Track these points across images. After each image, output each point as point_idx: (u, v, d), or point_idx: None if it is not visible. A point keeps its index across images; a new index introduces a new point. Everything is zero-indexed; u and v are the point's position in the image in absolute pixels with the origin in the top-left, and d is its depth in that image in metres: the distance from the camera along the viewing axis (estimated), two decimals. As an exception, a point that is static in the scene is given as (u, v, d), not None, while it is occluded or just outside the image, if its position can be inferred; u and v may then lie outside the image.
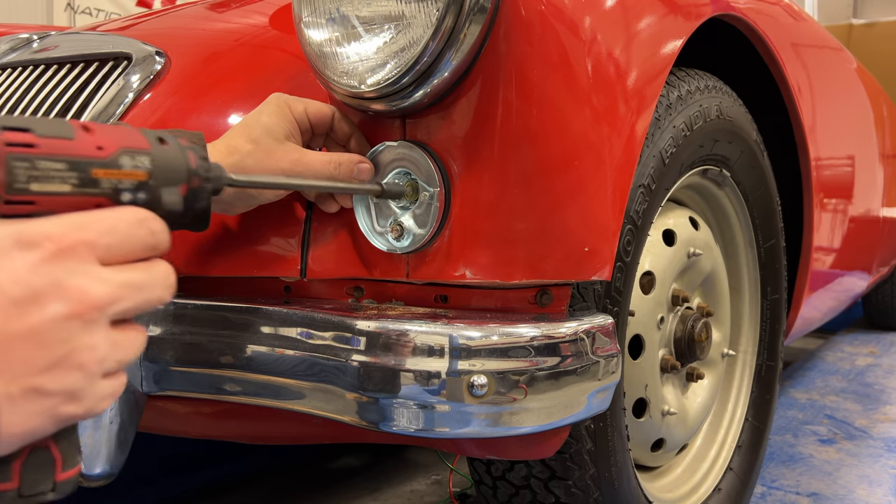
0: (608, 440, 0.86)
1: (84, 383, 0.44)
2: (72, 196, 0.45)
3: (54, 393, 0.42)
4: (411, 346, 0.66)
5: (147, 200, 0.49)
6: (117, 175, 0.47)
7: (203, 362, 0.75)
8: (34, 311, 0.41)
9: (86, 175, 0.46)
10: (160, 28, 1.11)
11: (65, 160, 0.45)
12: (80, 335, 0.43)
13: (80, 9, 5.42)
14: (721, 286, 1.23)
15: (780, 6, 1.39)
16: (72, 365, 0.43)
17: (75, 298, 0.42)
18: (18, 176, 0.43)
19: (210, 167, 0.54)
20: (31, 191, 0.44)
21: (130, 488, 1.40)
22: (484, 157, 0.70)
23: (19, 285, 0.41)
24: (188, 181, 0.52)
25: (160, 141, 0.51)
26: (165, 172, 0.50)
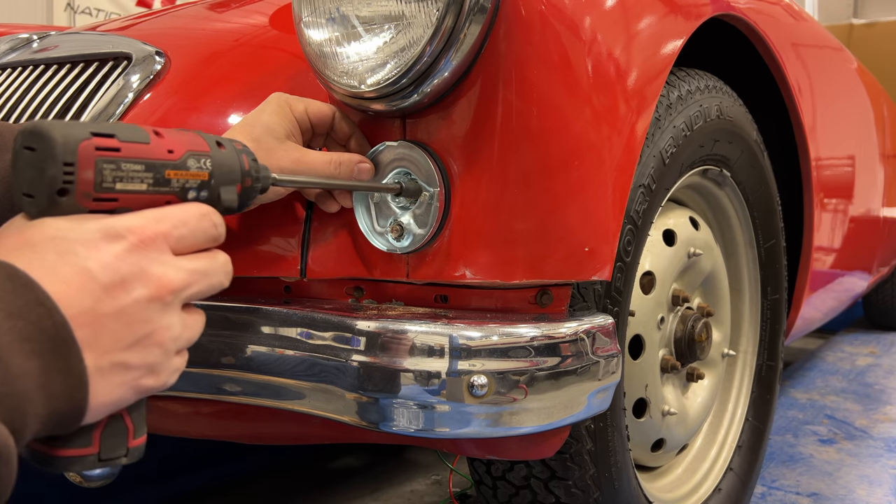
0: (608, 440, 0.86)
1: (162, 359, 0.50)
2: (147, 194, 0.51)
3: (137, 367, 0.48)
4: (411, 347, 0.66)
5: (208, 198, 0.55)
6: (185, 175, 0.53)
7: (203, 362, 0.75)
8: (122, 294, 0.47)
9: (160, 175, 0.51)
10: (160, 28, 1.11)
11: (143, 162, 0.50)
12: (159, 316, 0.49)
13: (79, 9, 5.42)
14: (721, 286, 1.23)
15: (781, 6, 1.39)
16: (152, 342, 0.49)
17: (156, 283, 0.49)
18: (106, 177, 0.48)
19: (259, 168, 0.60)
20: (116, 189, 0.49)
21: (130, 488, 1.40)
22: (484, 157, 0.70)
23: (108, 271, 0.46)
24: (242, 181, 0.58)
25: (218, 144, 0.57)
26: (223, 173, 0.56)
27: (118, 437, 0.51)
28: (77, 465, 0.49)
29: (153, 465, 1.48)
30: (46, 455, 0.49)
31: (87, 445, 0.49)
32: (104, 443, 0.50)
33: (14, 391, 0.41)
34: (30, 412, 0.42)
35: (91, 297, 0.45)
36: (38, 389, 0.42)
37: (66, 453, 0.49)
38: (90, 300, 0.45)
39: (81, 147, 0.47)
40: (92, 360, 0.45)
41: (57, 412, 0.44)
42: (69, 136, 0.47)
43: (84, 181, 0.48)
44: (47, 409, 0.43)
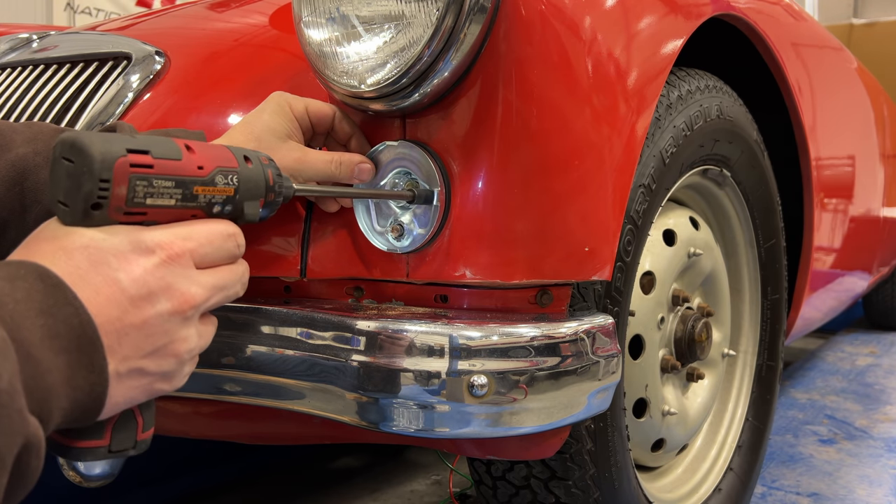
0: (608, 440, 0.86)
1: (176, 367, 0.53)
2: (175, 209, 0.53)
3: (153, 374, 0.51)
4: (411, 347, 0.66)
5: (231, 212, 0.57)
6: (212, 192, 0.55)
7: (203, 362, 0.75)
8: (147, 307, 0.50)
9: (189, 191, 0.53)
10: (160, 28, 1.11)
11: (174, 178, 0.52)
12: (178, 329, 0.52)
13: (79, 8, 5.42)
14: (721, 286, 1.23)
15: (781, 6, 1.39)
16: (169, 353, 0.52)
17: (179, 299, 0.51)
18: (138, 192, 0.51)
19: (283, 181, 0.62)
20: (146, 204, 0.51)
21: (130, 488, 1.40)
22: (484, 156, 0.70)
23: (137, 284, 0.49)
24: (266, 195, 0.60)
25: (245, 159, 0.58)
26: (249, 189, 0.58)
27: (128, 431, 0.54)
28: (89, 455, 0.52)
29: (153, 465, 1.48)
30: (61, 444, 0.52)
31: (100, 438, 0.52)
32: (115, 436, 0.53)
33: (44, 385, 0.43)
34: (55, 405, 0.44)
35: (118, 308, 0.48)
36: (63, 384, 0.45)
37: (79, 444, 0.52)
38: (117, 311, 0.48)
39: (118, 164, 0.49)
40: (113, 365, 0.48)
41: (79, 406, 0.47)
42: (107, 154, 0.49)
43: (117, 196, 0.50)
44: (70, 403, 0.46)
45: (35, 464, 0.43)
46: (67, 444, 0.52)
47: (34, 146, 0.68)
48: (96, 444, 0.52)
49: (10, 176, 0.66)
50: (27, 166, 0.67)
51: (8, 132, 0.68)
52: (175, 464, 1.55)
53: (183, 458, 1.58)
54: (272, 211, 0.62)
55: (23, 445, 0.41)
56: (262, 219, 0.61)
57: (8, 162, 0.66)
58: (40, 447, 0.43)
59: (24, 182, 0.66)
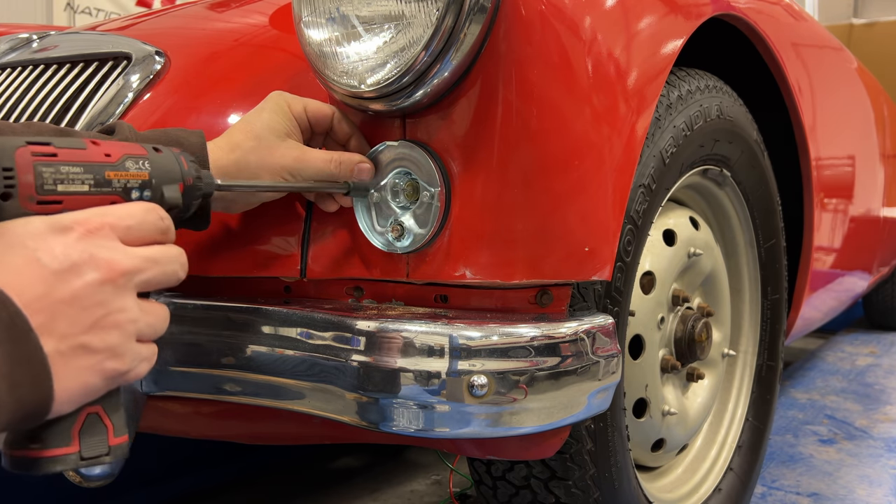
0: (608, 440, 0.86)
1: (122, 340, 0.51)
2: (91, 195, 0.53)
3: (99, 349, 0.50)
4: (411, 346, 0.66)
5: (151, 197, 0.57)
6: (125, 176, 0.55)
7: (203, 362, 0.75)
8: (74, 279, 0.48)
9: (100, 176, 0.54)
10: (160, 28, 1.11)
11: (81, 165, 0.53)
12: (113, 298, 0.50)
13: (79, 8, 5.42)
14: (721, 286, 1.23)
15: (781, 6, 1.39)
16: (110, 324, 0.50)
17: (105, 267, 0.50)
18: (46, 179, 0.51)
19: (201, 171, 0.62)
20: (58, 191, 0.51)
21: (130, 488, 1.40)
22: (484, 156, 0.70)
23: (58, 259, 0.48)
24: (183, 180, 0.60)
25: (155, 150, 0.59)
26: (163, 172, 0.58)
27: (97, 436, 0.52)
28: (60, 464, 0.51)
29: (153, 465, 1.48)
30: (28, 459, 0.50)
31: (67, 444, 0.51)
32: (84, 441, 0.52)
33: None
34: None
35: (43, 284, 0.47)
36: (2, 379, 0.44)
37: (47, 454, 0.50)
38: (43, 287, 0.47)
39: (18, 153, 0.50)
40: (52, 344, 0.47)
41: (24, 401, 0.45)
42: (4, 145, 0.50)
43: (25, 184, 0.50)
44: (12, 397, 0.45)
45: None
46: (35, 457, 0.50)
47: None
48: (65, 452, 0.51)
49: None
50: None
51: (8, 132, 0.68)
52: (175, 464, 1.55)
53: (183, 458, 1.57)
54: (194, 198, 0.61)
55: None
56: (187, 207, 0.61)
57: None
58: None
59: None
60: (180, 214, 0.60)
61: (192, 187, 0.60)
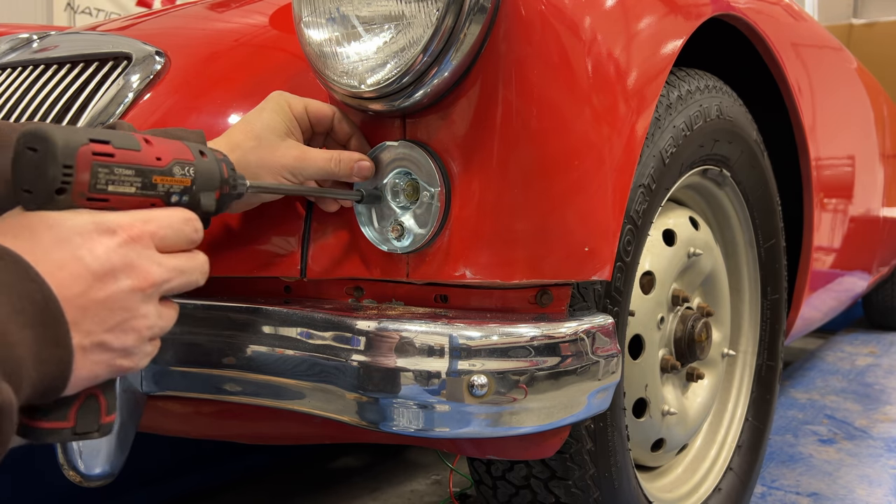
0: (608, 440, 0.86)
1: (136, 343, 0.55)
2: (135, 196, 0.56)
3: (115, 349, 0.53)
4: (411, 346, 0.66)
5: (189, 202, 0.60)
6: (170, 181, 0.58)
7: (203, 362, 0.75)
8: (110, 283, 0.52)
9: (148, 180, 0.56)
10: (160, 28, 1.11)
11: (134, 167, 0.55)
12: (139, 305, 0.54)
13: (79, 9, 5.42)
14: (721, 286, 1.23)
15: (781, 6, 1.39)
16: (130, 328, 0.54)
17: (141, 276, 0.54)
18: (100, 179, 0.53)
19: (237, 176, 0.65)
20: (108, 191, 0.54)
21: (130, 488, 1.40)
22: (484, 156, 0.70)
23: (100, 262, 0.51)
24: (221, 188, 0.62)
25: (201, 154, 0.61)
26: (205, 180, 0.61)
27: (92, 414, 0.56)
28: (54, 436, 0.54)
29: (153, 465, 1.48)
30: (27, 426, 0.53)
31: (64, 420, 0.54)
32: (79, 419, 0.55)
33: (13, 356, 0.45)
34: (25, 376, 0.46)
35: (83, 283, 0.50)
36: (32, 357, 0.47)
37: (44, 425, 0.53)
38: (82, 286, 0.50)
39: (80, 151, 0.52)
40: (77, 338, 0.50)
41: (47, 378, 0.49)
42: (69, 141, 0.51)
43: (80, 182, 0.52)
44: (39, 375, 0.48)
45: (6, 427, 0.44)
46: (33, 426, 0.53)
47: None
48: (61, 426, 0.54)
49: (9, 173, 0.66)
50: None
51: (8, 132, 0.68)
52: (175, 464, 1.55)
53: (183, 458, 1.57)
54: (226, 204, 0.64)
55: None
56: (218, 211, 0.63)
57: (7, 160, 0.67)
58: (11, 412, 0.44)
59: None
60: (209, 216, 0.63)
61: (227, 195, 0.63)
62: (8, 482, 1.26)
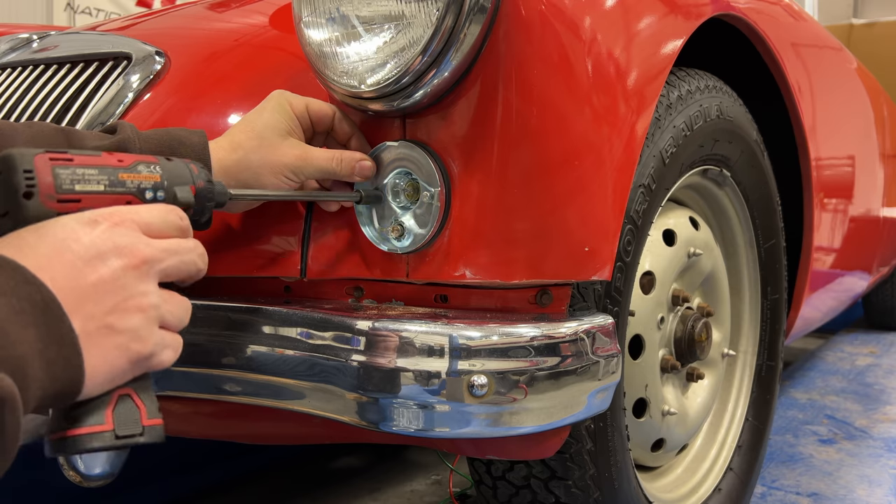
0: (608, 440, 0.86)
1: (144, 324, 0.54)
2: (107, 194, 0.57)
3: (122, 330, 0.53)
4: (411, 346, 0.66)
5: (165, 197, 0.60)
6: (138, 177, 0.59)
7: (203, 362, 0.75)
8: (100, 265, 0.52)
9: (115, 177, 0.57)
10: (160, 28, 1.11)
11: (96, 167, 0.57)
12: (135, 283, 0.54)
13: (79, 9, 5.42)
14: (721, 286, 1.23)
15: (781, 6, 1.39)
16: (132, 307, 0.53)
17: (129, 254, 0.54)
18: (64, 179, 0.55)
19: (211, 177, 0.65)
20: (76, 191, 0.55)
21: (130, 488, 1.40)
22: (484, 156, 0.70)
23: (86, 247, 0.52)
24: (194, 182, 0.63)
25: (167, 159, 0.62)
26: (174, 175, 0.61)
27: (131, 416, 0.55)
28: (95, 440, 0.53)
29: (153, 465, 1.48)
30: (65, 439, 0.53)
31: (101, 423, 0.53)
32: (118, 420, 0.54)
33: (15, 354, 0.45)
34: (30, 375, 0.46)
35: (73, 269, 0.51)
36: (36, 355, 0.47)
37: (81, 431, 0.53)
38: (72, 272, 0.51)
39: (37, 157, 0.54)
40: (79, 324, 0.50)
41: (57, 378, 0.48)
42: (25, 152, 0.54)
43: (45, 184, 0.54)
44: (46, 374, 0.48)
45: (11, 422, 0.44)
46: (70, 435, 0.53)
47: (35, 145, 0.68)
48: (99, 430, 0.53)
49: None
50: None
51: (8, 132, 0.68)
52: (176, 463, 1.55)
53: (184, 458, 1.58)
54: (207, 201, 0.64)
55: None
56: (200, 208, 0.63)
57: None
58: (15, 403, 0.44)
59: None
60: (196, 217, 0.63)
61: (203, 190, 0.63)
62: (8, 482, 1.26)
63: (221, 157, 0.70)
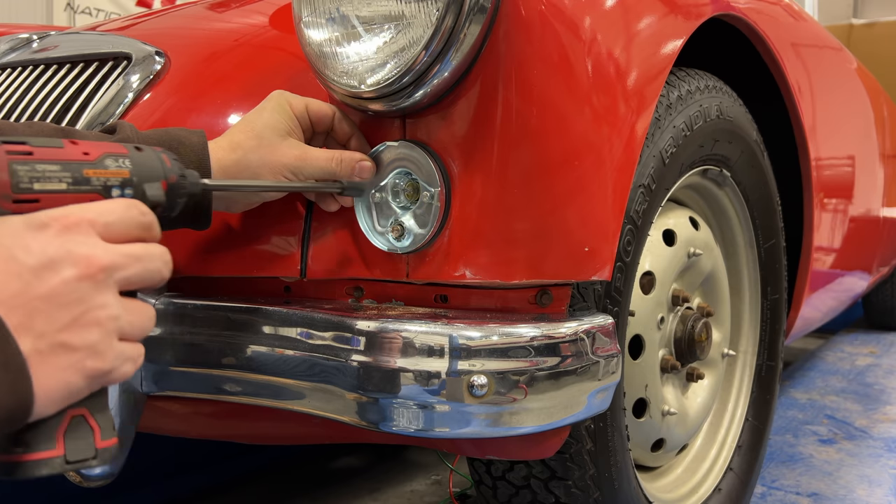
0: (608, 440, 0.86)
1: (102, 338, 0.49)
2: (69, 193, 0.52)
3: (78, 347, 0.48)
4: (411, 347, 0.66)
5: (133, 195, 0.56)
6: (104, 174, 0.54)
7: (203, 362, 0.75)
8: (50, 275, 0.47)
9: (79, 174, 0.52)
10: (160, 28, 1.11)
11: (58, 163, 0.52)
12: (92, 294, 0.49)
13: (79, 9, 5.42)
14: (721, 286, 1.23)
15: (781, 6, 1.39)
16: (89, 321, 0.48)
17: (84, 262, 0.48)
18: (22, 177, 0.49)
19: (184, 169, 0.61)
20: (34, 189, 0.50)
21: (130, 488, 1.40)
22: (484, 156, 0.70)
23: (35, 255, 0.46)
24: (166, 177, 0.58)
25: (137, 149, 0.57)
26: (145, 170, 0.57)
27: (83, 439, 0.50)
28: (44, 467, 0.49)
29: (153, 465, 1.48)
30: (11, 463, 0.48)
31: (51, 447, 0.49)
32: (69, 444, 0.50)
33: None
34: None
35: (19, 281, 0.45)
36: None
37: (30, 457, 0.48)
38: (19, 283, 0.45)
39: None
40: (29, 343, 0.45)
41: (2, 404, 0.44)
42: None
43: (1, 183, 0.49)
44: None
45: None
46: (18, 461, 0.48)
47: None
48: (49, 455, 0.49)
49: None
50: None
51: (8, 131, 0.68)
52: (175, 464, 1.55)
53: (183, 458, 1.58)
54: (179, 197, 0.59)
55: None
56: (172, 205, 0.59)
57: None
58: None
59: None
60: (165, 213, 0.59)
61: (175, 185, 0.59)
62: (8, 482, 1.26)
63: (221, 157, 0.70)
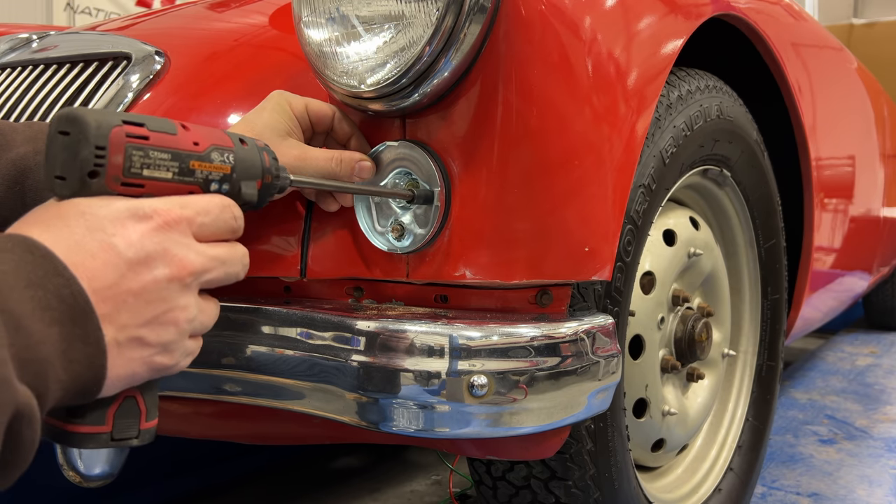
0: (608, 440, 0.86)
1: (176, 338, 0.52)
2: (172, 182, 0.53)
3: (152, 344, 0.50)
4: (411, 347, 0.66)
5: (229, 191, 0.58)
6: (209, 167, 0.55)
7: (203, 362, 0.75)
8: (145, 272, 0.49)
9: (185, 165, 0.54)
10: (160, 28, 1.11)
11: (170, 151, 0.53)
12: (177, 296, 0.51)
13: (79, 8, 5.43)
14: (721, 286, 1.23)
15: (781, 6, 1.39)
16: (168, 320, 0.51)
17: (177, 264, 0.51)
18: (135, 163, 0.51)
19: (280, 168, 0.62)
20: (143, 175, 0.51)
21: (130, 488, 1.40)
22: (484, 156, 0.70)
23: (133, 248, 0.48)
24: (262, 177, 0.60)
25: (241, 142, 0.59)
26: (245, 168, 0.58)
27: (131, 418, 0.53)
28: (91, 441, 0.51)
29: (153, 465, 1.48)
30: (62, 430, 0.51)
31: (101, 424, 0.51)
32: (117, 422, 0.52)
33: (37, 357, 0.43)
34: (52, 377, 0.44)
35: (115, 273, 0.47)
36: (59, 356, 0.44)
37: (80, 429, 0.51)
38: (114, 275, 0.47)
39: (113, 133, 0.49)
40: (111, 333, 0.47)
41: (79, 379, 0.46)
42: (102, 122, 0.49)
43: (114, 165, 0.50)
44: (69, 375, 0.45)
45: (28, 434, 0.42)
46: (68, 430, 0.51)
47: (34, 145, 0.68)
48: (98, 430, 0.51)
49: (11, 175, 0.66)
50: (28, 165, 0.67)
51: (8, 132, 0.68)
52: (175, 464, 1.55)
53: (183, 458, 1.57)
54: (269, 195, 0.62)
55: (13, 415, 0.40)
56: (260, 203, 0.61)
57: (8, 161, 0.67)
58: (33, 417, 0.42)
59: (25, 181, 0.66)
60: (251, 208, 0.61)
61: (269, 185, 0.61)
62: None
63: None
